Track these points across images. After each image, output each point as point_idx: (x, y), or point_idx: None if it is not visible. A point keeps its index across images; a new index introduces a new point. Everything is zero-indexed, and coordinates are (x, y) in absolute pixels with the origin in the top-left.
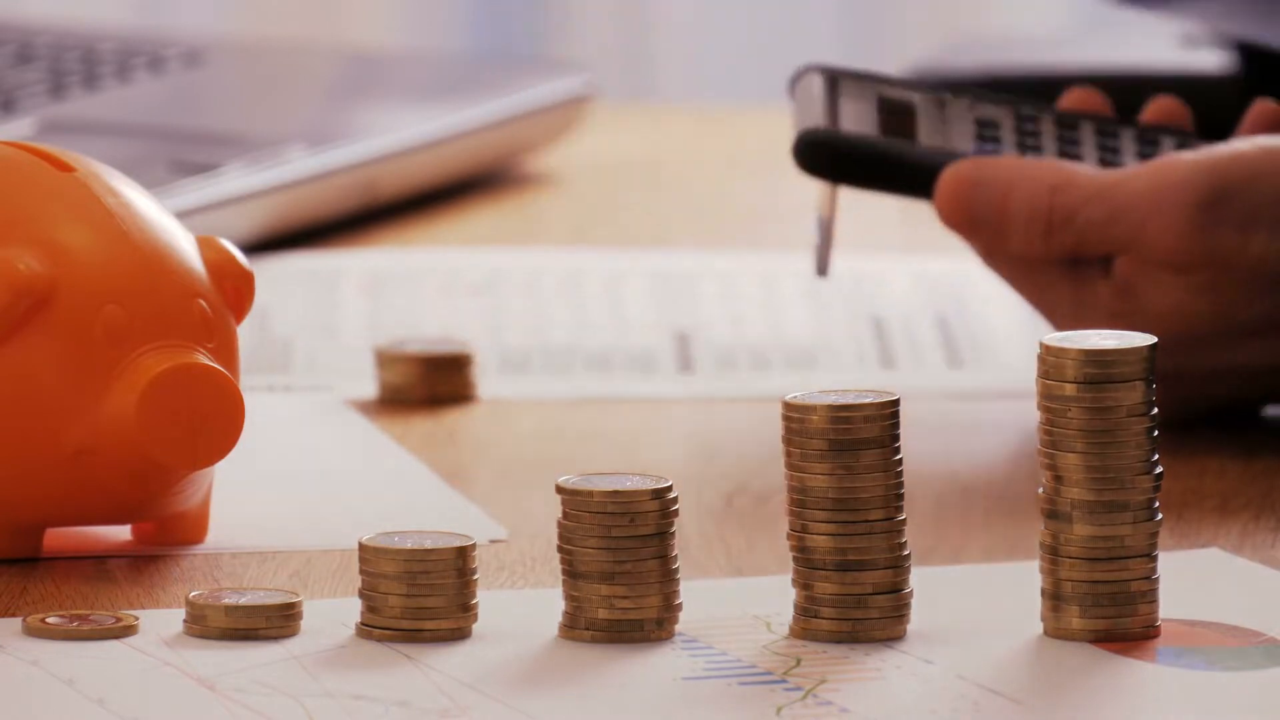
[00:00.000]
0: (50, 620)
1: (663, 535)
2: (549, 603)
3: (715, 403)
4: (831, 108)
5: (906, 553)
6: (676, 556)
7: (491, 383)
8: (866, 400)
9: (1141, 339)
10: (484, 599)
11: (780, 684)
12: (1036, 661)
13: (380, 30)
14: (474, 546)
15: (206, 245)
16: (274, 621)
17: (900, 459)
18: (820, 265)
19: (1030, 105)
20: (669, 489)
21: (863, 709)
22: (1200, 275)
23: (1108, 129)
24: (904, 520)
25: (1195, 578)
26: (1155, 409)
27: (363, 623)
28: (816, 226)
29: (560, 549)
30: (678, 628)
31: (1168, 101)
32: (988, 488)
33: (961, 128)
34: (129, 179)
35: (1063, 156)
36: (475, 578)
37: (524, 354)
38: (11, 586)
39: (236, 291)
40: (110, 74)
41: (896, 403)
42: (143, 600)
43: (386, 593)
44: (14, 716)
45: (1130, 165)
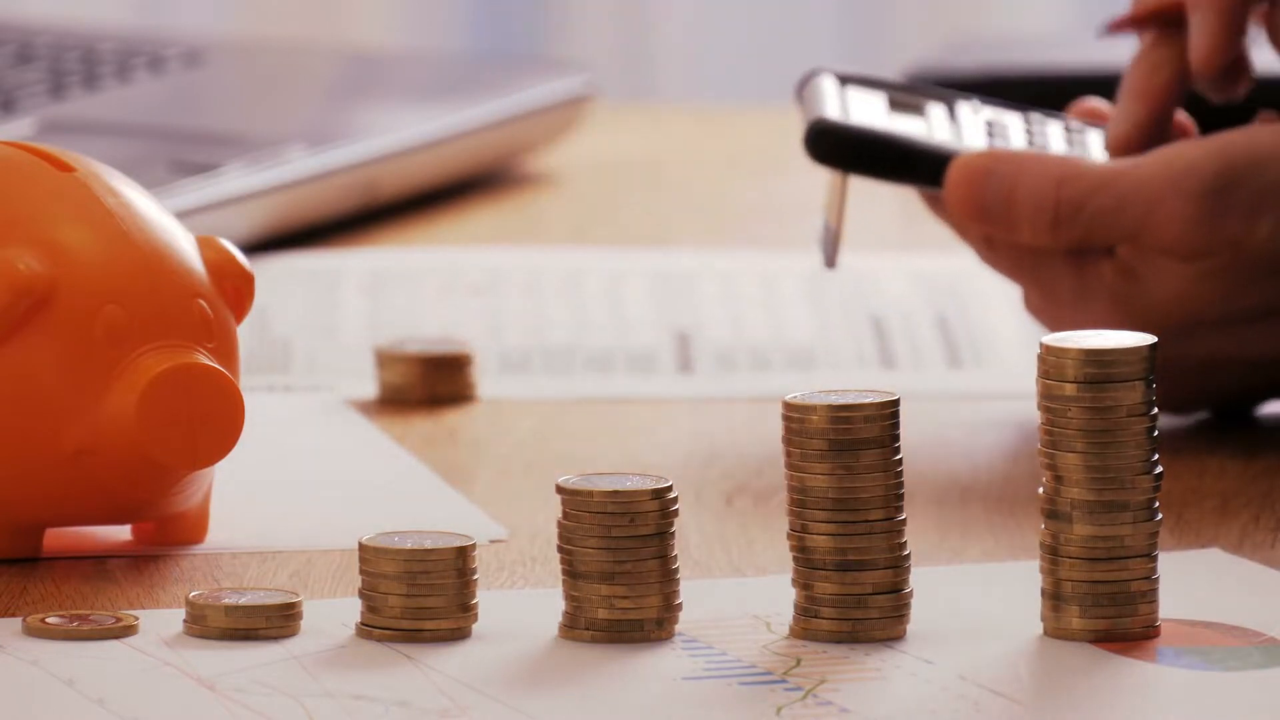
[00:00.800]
0: (50, 620)
1: (663, 535)
2: (549, 603)
3: (715, 403)
4: (841, 101)
5: (906, 553)
6: (676, 556)
7: (491, 383)
8: (866, 400)
9: (1142, 339)
10: (484, 599)
11: (780, 684)
12: (1036, 661)
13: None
14: (474, 546)
15: (206, 245)
16: (274, 621)
17: (900, 459)
18: (828, 257)
19: (1039, 112)
20: (669, 489)
21: (863, 709)
22: (1206, 262)
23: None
24: (904, 520)
25: (1195, 578)
26: (1155, 409)
27: (363, 623)
28: (824, 218)
29: (560, 549)
30: (678, 628)
31: (1093, 103)
32: (988, 488)
33: (971, 128)
34: (129, 179)
35: None
36: (475, 578)
37: (524, 354)
38: (11, 586)
39: (236, 291)
40: (110, 74)
41: (896, 403)
42: (143, 600)
43: (386, 593)
44: (14, 716)
45: (1136, 157)
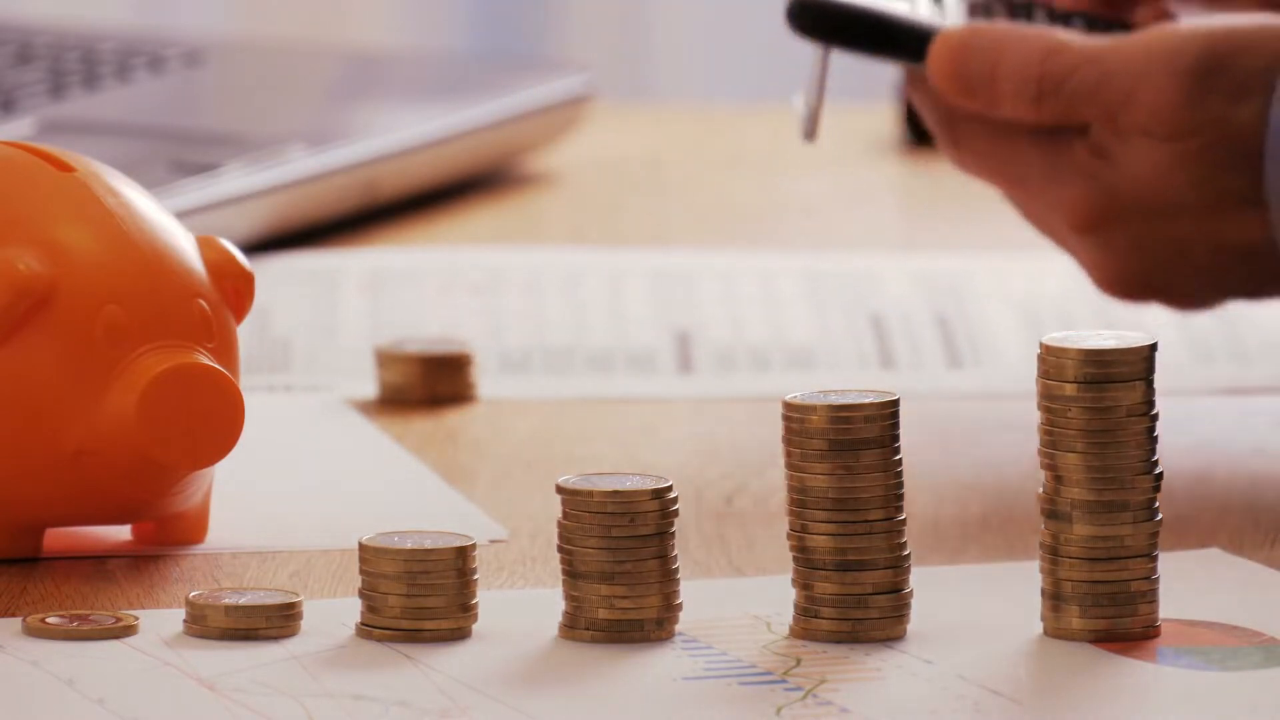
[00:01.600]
0: (50, 620)
1: (663, 535)
2: (549, 603)
3: (715, 403)
4: None
5: (906, 553)
6: (676, 556)
7: (491, 383)
8: (866, 400)
9: (1142, 339)
10: (484, 599)
11: (780, 684)
12: (1036, 661)
13: (380, 30)
14: (474, 546)
15: (206, 245)
16: (274, 621)
17: (900, 459)
18: (808, 130)
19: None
20: (669, 489)
21: (863, 709)
22: (1184, 143)
23: (1098, 26)
24: (904, 520)
25: (1195, 578)
26: (1156, 409)
27: (363, 623)
28: (805, 90)
29: (560, 549)
30: (678, 628)
31: None
32: (988, 488)
33: (954, 6)
34: (129, 179)
35: None
36: (475, 578)
37: (524, 354)
38: (11, 586)
39: (236, 291)
40: (110, 74)
41: (896, 403)
42: (143, 600)
43: (386, 593)
44: (14, 716)
45: (1121, 35)
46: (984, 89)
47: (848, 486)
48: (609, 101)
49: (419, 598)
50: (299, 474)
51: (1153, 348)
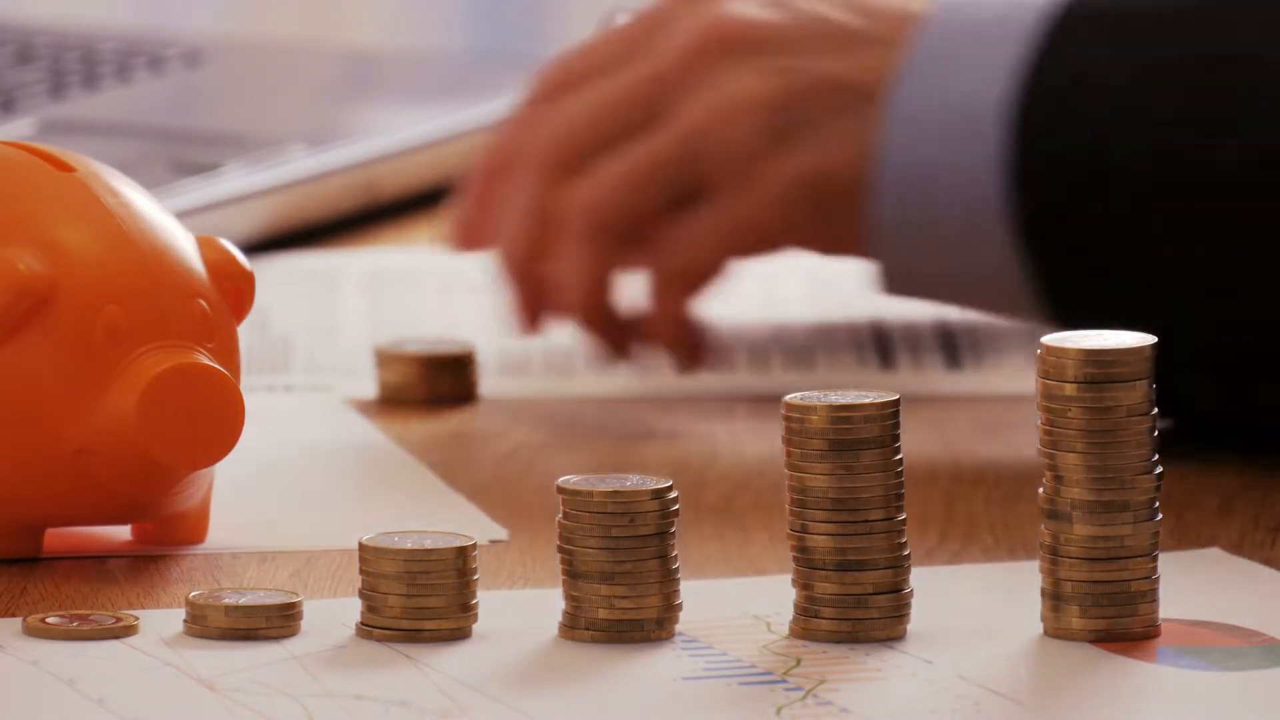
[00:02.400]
0: (50, 620)
1: (663, 535)
2: (549, 603)
3: (715, 403)
4: None
5: (906, 553)
6: (676, 556)
7: (491, 383)
8: (866, 400)
9: (1142, 339)
10: (484, 599)
11: (780, 684)
12: (1036, 661)
13: (380, 30)
14: (474, 546)
15: (206, 245)
16: (274, 621)
17: (900, 459)
18: None
19: None
20: (669, 489)
21: (863, 709)
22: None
23: None
24: (904, 520)
25: (1195, 578)
26: (1156, 409)
27: (363, 623)
28: None
29: (560, 549)
30: (678, 628)
31: None
32: (988, 488)
33: None
34: (129, 179)
35: None
36: (475, 578)
37: (524, 354)
38: (11, 586)
39: (236, 291)
40: (110, 74)
41: (896, 403)
42: (143, 600)
43: (386, 593)
44: (14, 716)
45: None
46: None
47: (848, 486)
48: None
49: (419, 598)
50: (299, 474)
51: (1154, 347)
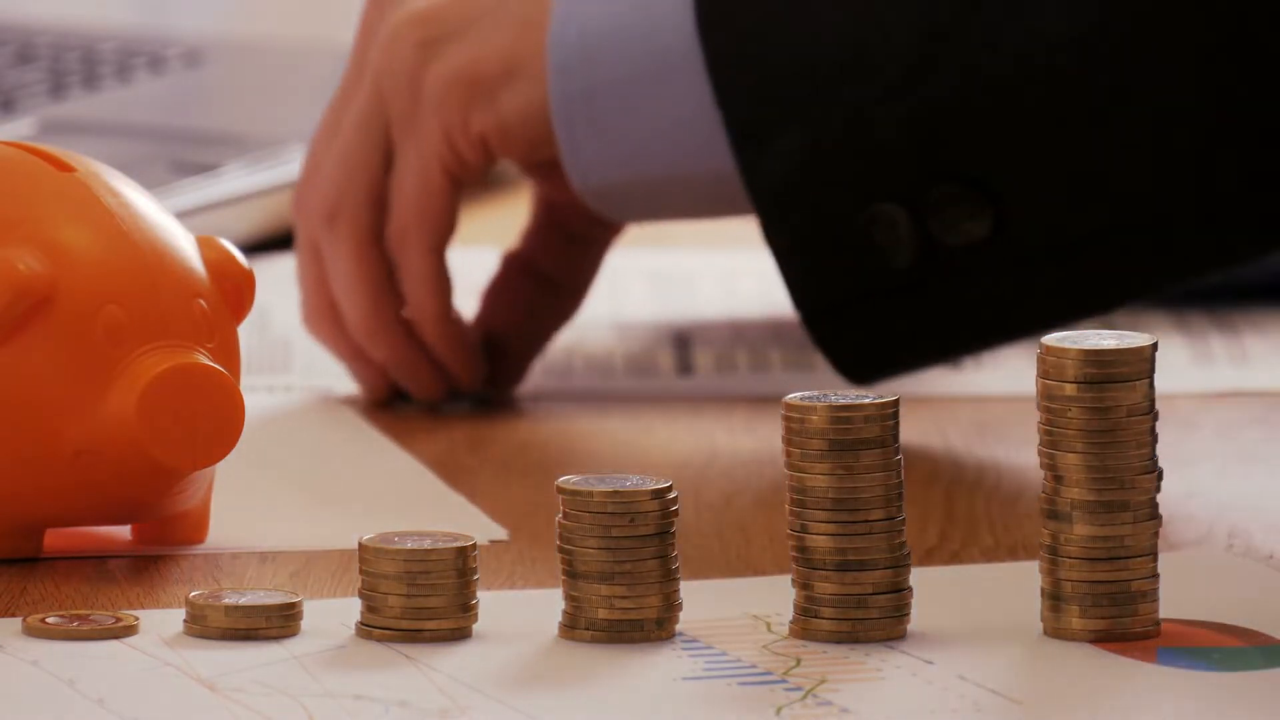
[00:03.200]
0: (50, 620)
1: (663, 535)
2: (549, 603)
3: (715, 403)
4: None
5: (906, 553)
6: (676, 556)
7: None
8: (866, 400)
9: (1142, 339)
10: (484, 599)
11: (780, 684)
12: (1036, 661)
13: None
14: (474, 546)
15: (206, 245)
16: (274, 621)
17: (900, 459)
18: None
19: None
20: (669, 489)
21: (863, 709)
22: None
23: None
24: (904, 520)
25: (1195, 578)
26: (1156, 408)
27: (363, 623)
28: None
29: (560, 549)
30: (678, 628)
31: None
32: (988, 488)
33: None
34: (129, 179)
35: None
36: (475, 578)
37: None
38: (11, 586)
39: (236, 291)
40: (110, 74)
41: (896, 403)
42: (143, 600)
43: (386, 593)
44: (14, 716)
45: None
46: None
47: (848, 486)
48: None
49: (419, 598)
50: (299, 474)
51: (1154, 347)
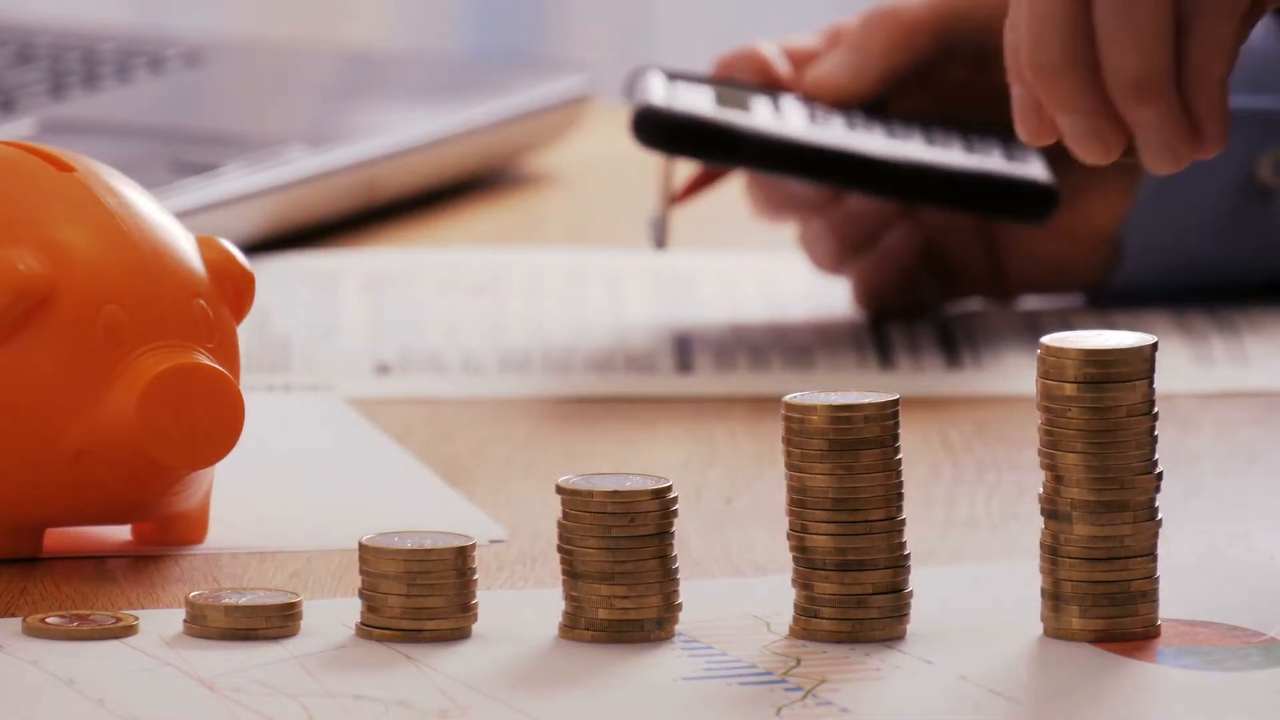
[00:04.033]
0: (50, 620)
1: (663, 535)
2: (549, 603)
3: (715, 403)
4: (668, 91)
5: (906, 553)
6: (676, 556)
7: (491, 382)
8: (866, 400)
9: (1142, 339)
10: (484, 599)
11: (780, 684)
12: (1036, 661)
13: (380, 30)
14: (474, 546)
15: (206, 245)
16: (274, 621)
17: (900, 459)
18: (657, 240)
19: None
20: (669, 489)
21: (863, 709)
22: None
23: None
24: (904, 520)
25: (1195, 578)
26: (1156, 409)
27: (363, 623)
28: (655, 199)
29: (560, 549)
30: (678, 628)
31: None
32: (988, 488)
33: (794, 117)
34: (129, 179)
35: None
36: (475, 578)
37: (524, 354)
38: (11, 586)
39: (236, 291)
40: (110, 74)
41: (896, 403)
42: (143, 600)
43: (386, 593)
44: (14, 716)
45: None
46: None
47: (848, 486)
48: (609, 101)
49: (419, 598)
50: (299, 474)
51: (1153, 347)
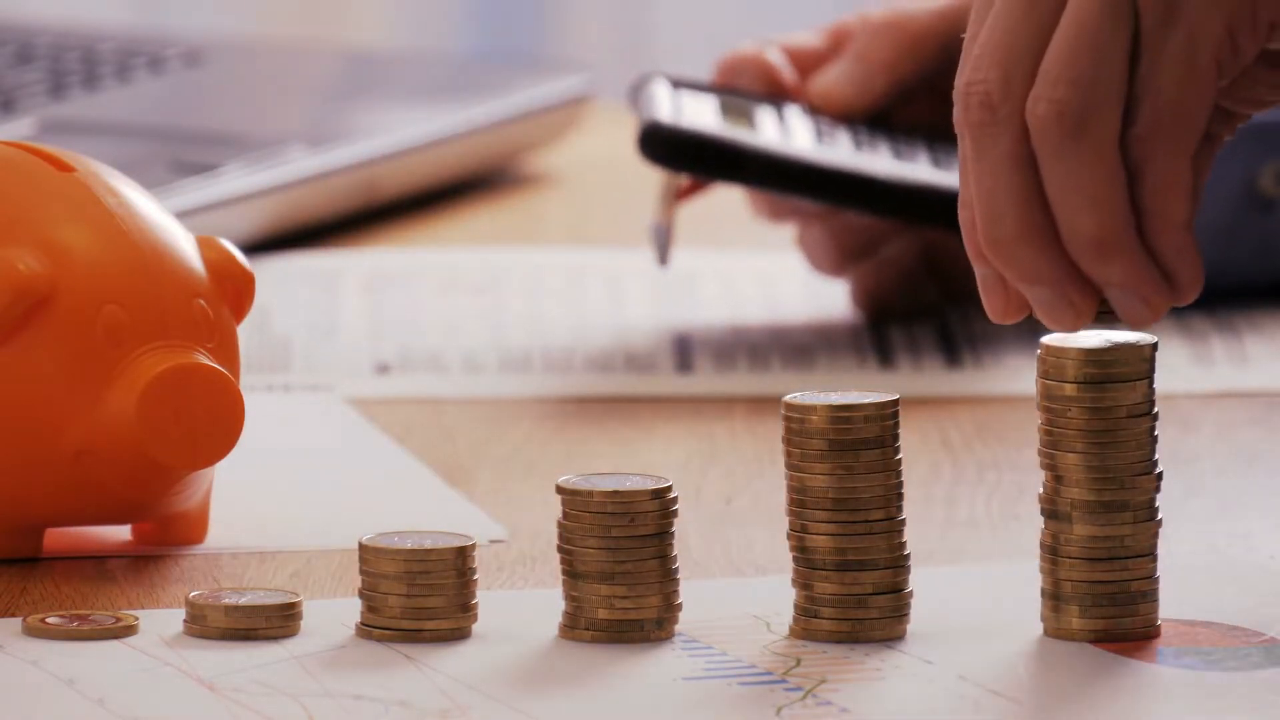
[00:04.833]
0: (50, 620)
1: (663, 535)
2: (549, 603)
3: (715, 402)
4: (674, 104)
5: (906, 553)
6: (676, 556)
7: (491, 382)
8: (866, 400)
9: (1142, 339)
10: (484, 599)
11: (780, 684)
12: (1036, 661)
13: (380, 30)
14: (474, 546)
15: (206, 245)
16: (274, 621)
17: (900, 459)
18: (660, 255)
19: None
20: (669, 489)
21: (863, 709)
22: None
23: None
24: (904, 520)
25: (1195, 578)
26: (1156, 409)
27: (363, 623)
28: (656, 216)
29: (560, 549)
30: (678, 628)
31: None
32: (988, 488)
33: (799, 131)
34: (129, 179)
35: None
36: (475, 578)
37: (524, 354)
38: (11, 586)
39: (236, 291)
40: (110, 74)
41: (896, 403)
42: (143, 600)
43: (386, 593)
44: (14, 716)
45: None
46: None
47: (848, 486)
48: (609, 101)
49: (419, 598)
50: (299, 474)
51: (1154, 347)
